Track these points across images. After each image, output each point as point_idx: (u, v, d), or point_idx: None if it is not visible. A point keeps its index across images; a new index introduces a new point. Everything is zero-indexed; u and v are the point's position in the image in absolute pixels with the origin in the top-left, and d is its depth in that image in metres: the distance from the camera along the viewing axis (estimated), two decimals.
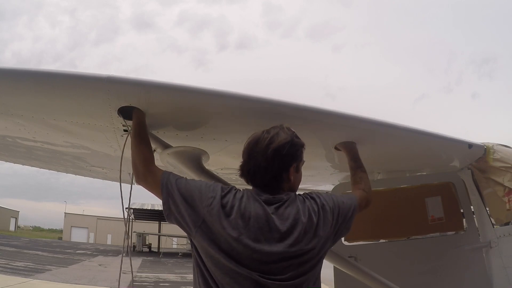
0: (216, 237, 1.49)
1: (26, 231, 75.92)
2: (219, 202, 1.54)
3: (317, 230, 1.58)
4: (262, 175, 1.61)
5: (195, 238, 1.54)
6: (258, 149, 1.60)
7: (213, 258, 1.50)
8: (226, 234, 1.48)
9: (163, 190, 1.63)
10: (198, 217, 1.53)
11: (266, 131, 1.64)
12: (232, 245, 1.47)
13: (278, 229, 1.51)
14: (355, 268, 2.50)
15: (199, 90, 1.87)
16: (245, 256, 1.47)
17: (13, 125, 2.33)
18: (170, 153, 2.14)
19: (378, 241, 3.40)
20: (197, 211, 1.54)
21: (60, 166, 3.63)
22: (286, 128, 1.67)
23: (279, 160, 1.60)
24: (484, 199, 2.93)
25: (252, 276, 1.46)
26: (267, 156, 1.58)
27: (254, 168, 1.61)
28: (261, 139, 1.61)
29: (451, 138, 2.55)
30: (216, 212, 1.51)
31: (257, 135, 1.64)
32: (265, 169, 1.59)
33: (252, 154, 1.62)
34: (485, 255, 2.93)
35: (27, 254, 25.17)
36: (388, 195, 3.30)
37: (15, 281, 13.02)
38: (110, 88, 1.80)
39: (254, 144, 1.62)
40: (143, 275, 19.20)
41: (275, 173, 1.61)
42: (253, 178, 1.64)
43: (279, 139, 1.60)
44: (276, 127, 1.66)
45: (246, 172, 1.65)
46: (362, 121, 2.18)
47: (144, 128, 1.98)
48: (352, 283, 2.64)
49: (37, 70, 1.83)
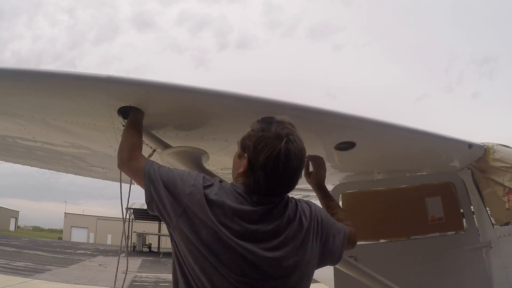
0: (197, 229, 1.41)
1: (26, 231, 75.94)
2: (201, 191, 1.46)
3: (306, 238, 1.49)
4: (273, 189, 1.49)
5: (175, 229, 1.46)
6: (281, 167, 1.45)
7: (193, 251, 1.42)
8: (207, 226, 1.40)
9: (145, 176, 1.57)
10: (179, 206, 1.45)
11: (285, 141, 1.46)
12: (214, 238, 1.39)
13: (264, 230, 1.43)
14: (355, 268, 2.49)
15: (199, 90, 1.87)
16: (226, 251, 1.39)
17: (13, 125, 2.33)
18: (170, 153, 2.14)
19: (378, 241, 3.39)
20: (178, 199, 1.47)
21: (60, 166, 3.63)
22: (293, 127, 1.55)
23: (299, 174, 1.52)
24: (484, 199, 2.93)
25: (230, 275, 1.38)
26: (290, 174, 1.48)
27: (272, 184, 1.47)
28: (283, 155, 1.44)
29: (451, 138, 2.55)
30: (197, 201, 1.44)
31: (275, 147, 1.45)
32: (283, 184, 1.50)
33: (273, 171, 1.45)
34: (485, 255, 2.93)
35: (27, 254, 25.17)
36: (388, 195, 3.30)
37: (15, 281, 13.03)
38: (110, 88, 1.80)
39: (276, 161, 1.44)
40: (143, 275, 19.20)
41: (295, 184, 1.53)
42: (261, 188, 1.49)
43: (301, 151, 1.50)
44: (285, 128, 1.50)
45: (259, 182, 1.47)
46: (362, 121, 2.18)
47: (139, 123, 1.97)
48: (352, 283, 2.63)
49: (37, 70, 1.84)
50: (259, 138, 1.49)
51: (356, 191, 3.41)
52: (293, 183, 1.52)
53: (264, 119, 1.55)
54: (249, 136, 1.53)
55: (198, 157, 2.21)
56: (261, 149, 1.46)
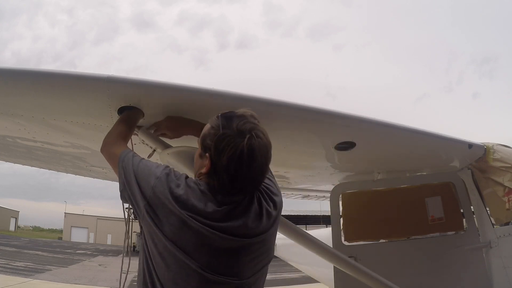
0: (160, 221, 1.37)
1: (26, 231, 75.93)
2: (164, 185, 1.41)
3: (272, 228, 1.49)
4: (240, 186, 1.42)
5: (143, 220, 1.42)
6: (245, 168, 1.37)
7: (158, 245, 1.37)
8: (171, 218, 1.35)
9: (119, 164, 1.57)
10: (144, 197, 1.42)
11: (248, 137, 1.38)
12: (179, 233, 1.35)
13: (232, 229, 1.38)
14: (355, 268, 2.49)
15: (199, 90, 1.87)
16: (192, 244, 1.35)
17: (13, 125, 2.33)
18: (170, 153, 2.14)
19: (378, 241, 3.39)
20: (143, 190, 1.43)
21: (60, 166, 3.63)
22: (256, 119, 1.47)
23: (266, 170, 1.46)
24: (484, 199, 2.93)
25: (198, 269, 1.33)
26: (256, 173, 1.41)
27: (236, 185, 1.40)
28: (246, 154, 1.37)
29: (451, 138, 2.55)
30: (160, 194, 1.39)
31: (238, 147, 1.37)
32: (249, 181, 1.43)
33: (239, 172, 1.38)
34: (485, 255, 2.93)
35: (27, 254, 25.17)
36: (388, 195, 3.30)
37: (15, 281, 13.02)
38: (110, 88, 1.80)
39: (239, 162, 1.37)
40: None
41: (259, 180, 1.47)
42: (225, 187, 1.42)
43: (266, 147, 1.42)
44: (247, 123, 1.42)
45: (221, 184, 1.41)
46: (362, 121, 2.18)
47: (132, 120, 1.97)
48: (352, 283, 2.64)
49: (37, 70, 1.83)
50: (219, 137, 1.40)
51: (356, 191, 3.42)
52: (259, 181, 1.47)
53: (223, 115, 1.47)
54: (209, 134, 1.45)
55: None
56: (223, 149, 1.38)
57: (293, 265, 6.25)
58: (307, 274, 6.32)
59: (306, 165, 3.20)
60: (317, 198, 5.44)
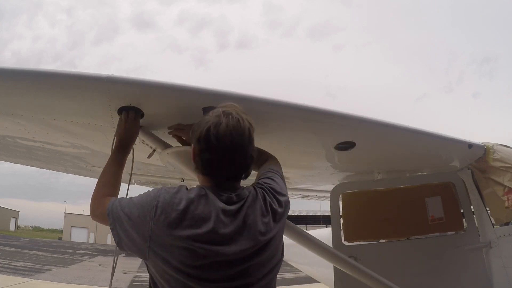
0: (169, 253, 1.31)
1: (26, 231, 75.88)
2: (165, 209, 1.34)
3: (277, 227, 1.47)
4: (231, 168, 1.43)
5: (150, 259, 1.36)
6: (214, 140, 1.38)
7: (170, 281, 1.32)
8: (180, 246, 1.30)
9: (109, 216, 1.45)
10: (146, 236, 1.34)
11: (216, 115, 1.42)
12: (188, 258, 1.30)
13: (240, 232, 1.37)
14: (355, 268, 2.49)
15: (199, 90, 1.87)
16: (203, 268, 1.31)
17: (13, 125, 2.33)
18: (170, 153, 2.14)
19: (378, 241, 3.39)
20: (144, 229, 1.35)
21: (60, 166, 3.63)
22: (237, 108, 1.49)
23: (252, 148, 1.45)
24: (484, 199, 2.93)
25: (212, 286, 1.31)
26: (228, 149, 1.39)
27: (217, 163, 1.41)
28: (213, 127, 1.39)
29: (451, 138, 2.55)
30: (163, 221, 1.33)
31: (207, 123, 1.41)
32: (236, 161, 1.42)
33: (213, 148, 1.39)
34: (485, 255, 2.93)
35: (27, 254, 25.16)
36: (388, 195, 3.30)
37: (15, 281, 13.02)
38: (110, 88, 1.80)
39: (207, 135, 1.39)
40: (143, 275, 19.15)
41: (248, 163, 1.46)
42: (217, 172, 1.43)
43: (250, 125, 1.45)
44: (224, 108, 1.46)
45: (208, 164, 1.42)
46: (362, 121, 2.18)
47: (130, 141, 1.90)
48: (352, 283, 2.64)
49: (37, 70, 1.83)
50: (197, 123, 1.46)
51: (356, 191, 3.42)
52: (236, 160, 1.42)
53: (205, 108, 1.51)
54: (193, 129, 1.49)
55: None
56: (196, 130, 1.44)
57: (293, 265, 6.24)
58: (307, 274, 6.33)
59: (306, 165, 3.20)
60: (317, 198, 5.43)
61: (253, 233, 1.38)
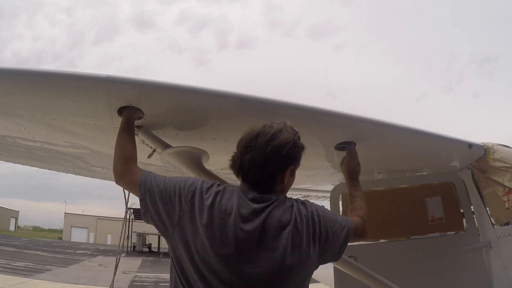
0: (193, 236, 1.41)
1: (26, 231, 75.93)
2: (200, 196, 1.46)
3: (302, 240, 1.45)
4: (255, 172, 1.49)
5: (172, 238, 1.45)
6: (257, 143, 1.48)
7: (187, 262, 1.41)
8: (203, 233, 1.39)
9: (141, 187, 1.55)
10: (176, 215, 1.45)
11: (269, 125, 1.53)
12: (208, 245, 1.38)
13: (260, 232, 1.41)
14: (355, 268, 2.49)
15: (199, 90, 1.87)
16: (220, 259, 1.37)
17: (13, 125, 2.33)
18: (170, 153, 2.14)
19: (378, 241, 3.39)
20: (174, 208, 1.47)
21: (60, 166, 3.63)
22: (290, 127, 1.56)
23: (277, 160, 1.49)
24: (484, 199, 2.93)
25: (224, 284, 1.36)
26: (265, 153, 1.47)
27: (249, 163, 1.49)
28: (262, 134, 1.50)
29: (451, 138, 2.54)
30: (196, 207, 1.44)
31: (258, 128, 1.53)
32: (260, 167, 1.48)
33: (249, 148, 1.50)
34: (485, 255, 2.93)
35: (27, 254, 25.18)
36: (388, 195, 3.30)
37: (15, 281, 13.03)
38: (110, 88, 1.80)
39: (254, 138, 1.50)
40: (143, 275, 19.18)
41: (270, 172, 1.50)
42: (245, 173, 1.52)
43: (281, 138, 1.49)
44: (280, 123, 1.55)
45: (238, 165, 1.54)
46: (362, 121, 2.18)
47: (131, 126, 1.94)
48: (352, 283, 2.63)
49: (37, 70, 1.83)
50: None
51: None
52: (270, 166, 1.49)
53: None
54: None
55: (198, 157, 2.21)
56: (243, 135, 1.57)
57: None
58: None
59: (306, 165, 3.19)
60: (317, 198, 5.44)
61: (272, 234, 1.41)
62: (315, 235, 1.49)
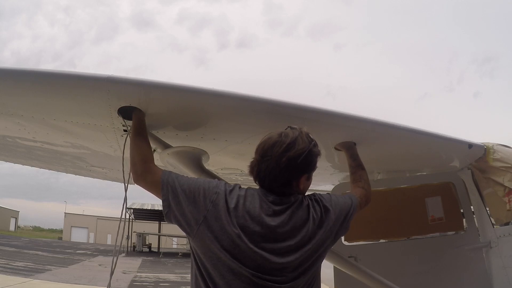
0: (218, 234, 1.47)
1: (26, 231, 75.91)
2: (223, 198, 1.52)
3: (319, 233, 1.58)
4: (271, 180, 1.57)
5: (196, 236, 1.51)
6: (273, 153, 1.54)
7: (212, 258, 1.47)
8: (229, 231, 1.46)
9: (164, 187, 1.58)
10: (201, 214, 1.50)
11: (284, 134, 1.58)
12: (235, 242, 1.45)
13: (283, 232, 1.51)
14: (355, 268, 2.50)
15: (199, 90, 1.87)
16: (247, 255, 1.45)
17: (13, 125, 2.33)
18: (170, 153, 2.14)
19: (378, 241, 3.40)
20: (199, 207, 1.52)
21: (60, 166, 3.63)
22: (306, 135, 1.60)
23: (292, 170, 1.55)
24: (484, 199, 2.93)
25: (252, 276, 1.45)
26: (280, 163, 1.53)
27: (265, 172, 1.56)
28: (278, 144, 1.55)
29: (451, 138, 2.54)
30: (220, 208, 1.50)
31: (274, 138, 1.58)
32: (275, 176, 1.55)
33: (266, 157, 1.56)
34: (485, 255, 2.93)
35: (27, 254, 25.18)
36: (388, 195, 3.30)
37: (15, 281, 13.03)
38: (110, 88, 1.80)
39: (270, 147, 1.56)
40: (143, 275, 19.18)
41: (285, 181, 1.57)
42: (261, 181, 1.60)
43: (297, 148, 1.54)
44: (295, 131, 1.60)
45: (256, 172, 1.61)
46: (362, 121, 2.18)
47: (144, 128, 1.97)
48: (352, 283, 2.64)
49: (37, 70, 1.83)
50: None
51: None
52: (285, 176, 1.55)
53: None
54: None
55: (198, 157, 2.21)
56: (260, 142, 1.62)
57: None
58: None
59: None
60: None
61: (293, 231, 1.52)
62: (331, 223, 1.64)
